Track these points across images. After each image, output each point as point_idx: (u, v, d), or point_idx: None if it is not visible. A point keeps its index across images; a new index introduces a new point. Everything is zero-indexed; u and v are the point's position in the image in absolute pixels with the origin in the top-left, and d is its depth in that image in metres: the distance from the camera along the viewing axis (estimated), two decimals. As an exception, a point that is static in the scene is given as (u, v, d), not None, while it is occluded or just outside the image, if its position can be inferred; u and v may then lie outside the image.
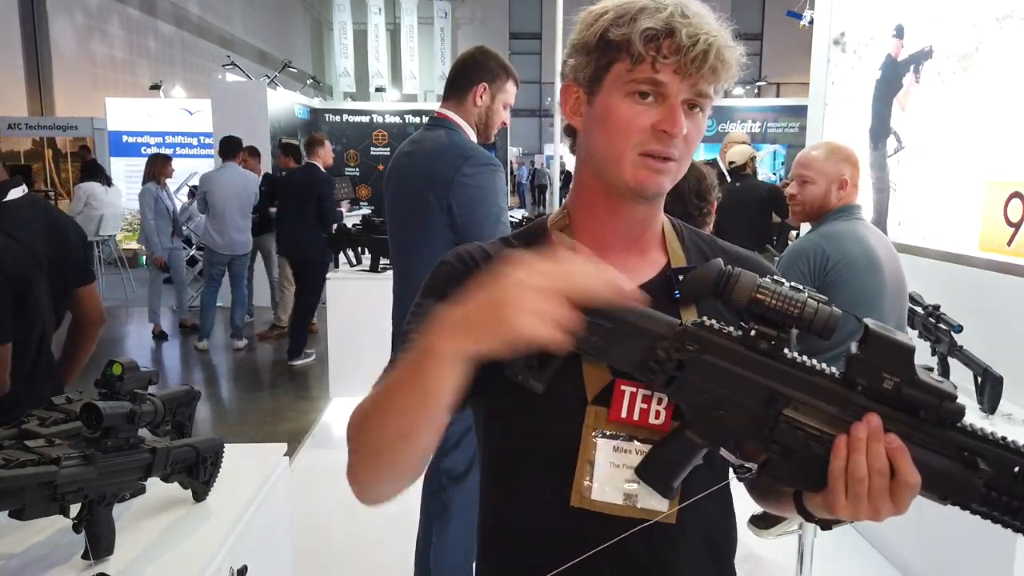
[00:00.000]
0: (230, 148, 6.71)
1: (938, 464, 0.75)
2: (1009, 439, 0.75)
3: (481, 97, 2.33)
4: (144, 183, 6.98)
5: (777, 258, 3.33)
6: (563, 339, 0.74)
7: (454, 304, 0.78)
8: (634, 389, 0.90)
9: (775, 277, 0.79)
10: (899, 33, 3.70)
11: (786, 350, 0.80)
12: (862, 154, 3.56)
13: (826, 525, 0.83)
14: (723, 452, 0.83)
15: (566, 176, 9.65)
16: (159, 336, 7.19)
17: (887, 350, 0.75)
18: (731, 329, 0.81)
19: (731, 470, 0.87)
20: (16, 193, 1.90)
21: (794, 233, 6.32)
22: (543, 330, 0.73)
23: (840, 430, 0.77)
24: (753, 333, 0.79)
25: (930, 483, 0.75)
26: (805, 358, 0.80)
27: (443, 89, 2.44)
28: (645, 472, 0.86)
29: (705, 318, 0.82)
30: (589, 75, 0.92)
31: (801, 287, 0.78)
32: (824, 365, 0.80)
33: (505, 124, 2.45)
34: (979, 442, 0.74)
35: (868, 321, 0.77)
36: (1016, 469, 0.73)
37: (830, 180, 2.53)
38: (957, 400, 0.74)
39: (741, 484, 0.91)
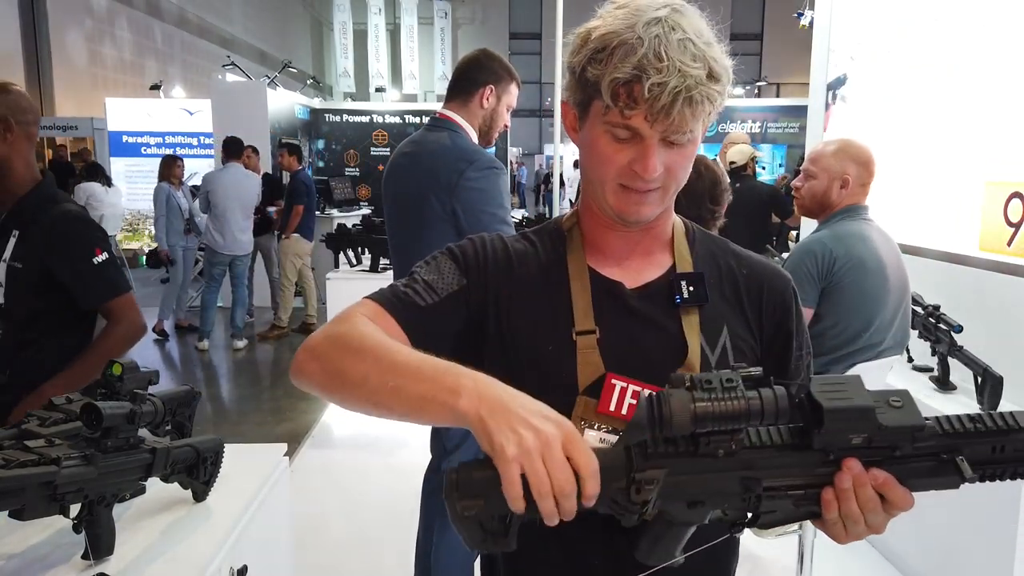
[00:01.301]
0: (234, 148, 6.72)
1: (922, 470, 0.76)
2: (977, 416, 0.76)
3: (487, 99, 2.33)
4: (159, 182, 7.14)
5: (778, 258, 3.33)
6: (521, 505, 0.72)
7: (492, 383, 0.78)
8: (625, 384, 0.92)
9: (705, 381, 0.73)
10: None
11: (744, 436, 0.77)
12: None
13: None
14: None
15: (559, 178, 9.58)
16: (160, 336, 7.19)
17: (847, 419, 0.74)
18: (682, 440, 0.76)
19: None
20: None
21: (794, 233, 6.32)
22: (516, 485, 0.71)
23: (823, 480, 0.77)
24: (708, 443, 0.76)
25: (918, 487, 0.76)
26: (766, 436, 0.77)
27: (446, 90, 2.43)
28: (647, 556, 0.84)
29: (648, 440, 0.77)
30: (577, 101, 0.95)
31: (733, 378, 0.73)
32: (787, 436, 0.77)
33: (507, 126, 2.45)
34: (955, 440, 0.75)
35: (815, 391, 0.74)
36: (992, 447, 0.75)
37: (832, 177, 2.53)
38: (927, 424, 0.75)
39: None
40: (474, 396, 0.77)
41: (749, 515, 0.80)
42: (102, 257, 1.91)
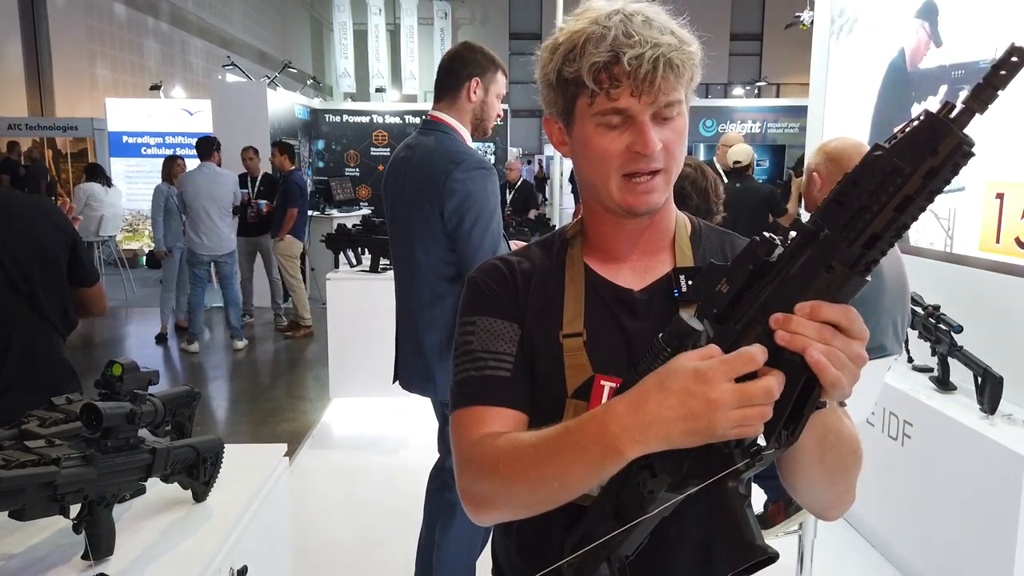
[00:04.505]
0: (205, 149, 6.75)
1: (824, 284, 0.72)
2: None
3: (475, 92, 2.31)
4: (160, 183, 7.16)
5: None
6: (753, 428, 0.72)
7: (632, 401, 0.77)
8: (613, 384, 0.92)
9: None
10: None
11: None
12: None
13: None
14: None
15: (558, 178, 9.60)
16: (160, 336, 7.17)
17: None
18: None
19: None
20: None
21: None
22: (732, 428, 0.72)
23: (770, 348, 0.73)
24: None
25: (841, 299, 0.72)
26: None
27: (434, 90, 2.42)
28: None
29: None
30: (560, 109, 0.96)
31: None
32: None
33: (500, 116, 2.44)
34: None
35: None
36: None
37: (811, 176, 2.54)
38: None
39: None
40: (628, 438, 0.76)
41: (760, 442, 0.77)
42: None
